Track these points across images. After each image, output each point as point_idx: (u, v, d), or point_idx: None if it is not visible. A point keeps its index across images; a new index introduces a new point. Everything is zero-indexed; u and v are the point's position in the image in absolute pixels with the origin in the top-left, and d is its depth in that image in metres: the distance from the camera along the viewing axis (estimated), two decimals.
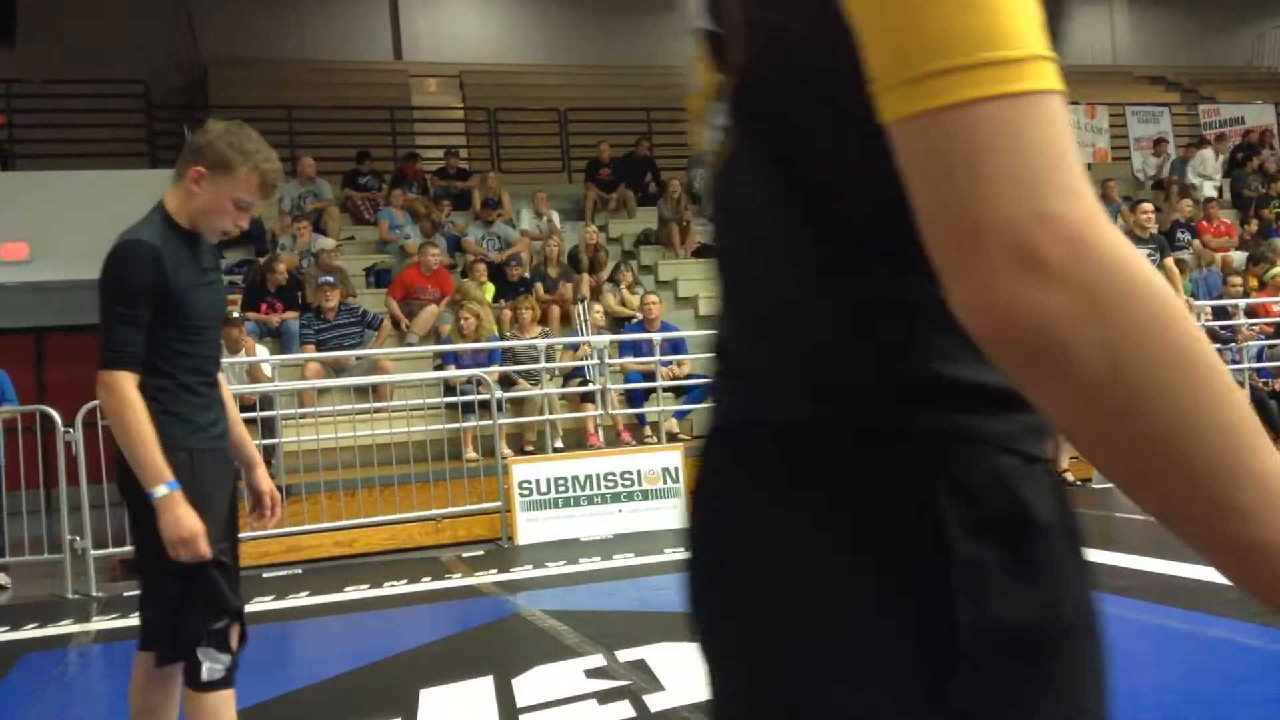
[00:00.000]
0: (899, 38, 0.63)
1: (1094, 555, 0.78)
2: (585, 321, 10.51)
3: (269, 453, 7.92)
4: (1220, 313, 10.98)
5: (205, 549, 2.55)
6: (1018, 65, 0.62)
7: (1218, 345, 10.01)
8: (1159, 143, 15.87)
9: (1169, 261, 9.94)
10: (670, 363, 9.67)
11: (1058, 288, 0.60)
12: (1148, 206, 10.55)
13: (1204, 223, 13.78)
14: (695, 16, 0.81)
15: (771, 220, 0.78)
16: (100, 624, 6.10)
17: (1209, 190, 14.96)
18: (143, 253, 2.58)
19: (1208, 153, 15.48)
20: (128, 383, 2.55)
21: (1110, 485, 0.70)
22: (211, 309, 2.76)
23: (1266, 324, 11.03)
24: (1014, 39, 0.62)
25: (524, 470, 8.21)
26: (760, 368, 0.80)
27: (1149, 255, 9.47)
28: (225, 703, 2.61)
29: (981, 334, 0.63)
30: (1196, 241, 13.34)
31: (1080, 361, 0.60)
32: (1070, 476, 8.10)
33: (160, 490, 2.53)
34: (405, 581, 6.69)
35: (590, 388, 9.41)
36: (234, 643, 2.65)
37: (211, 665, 2.57)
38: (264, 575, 7.14)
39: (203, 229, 2.72)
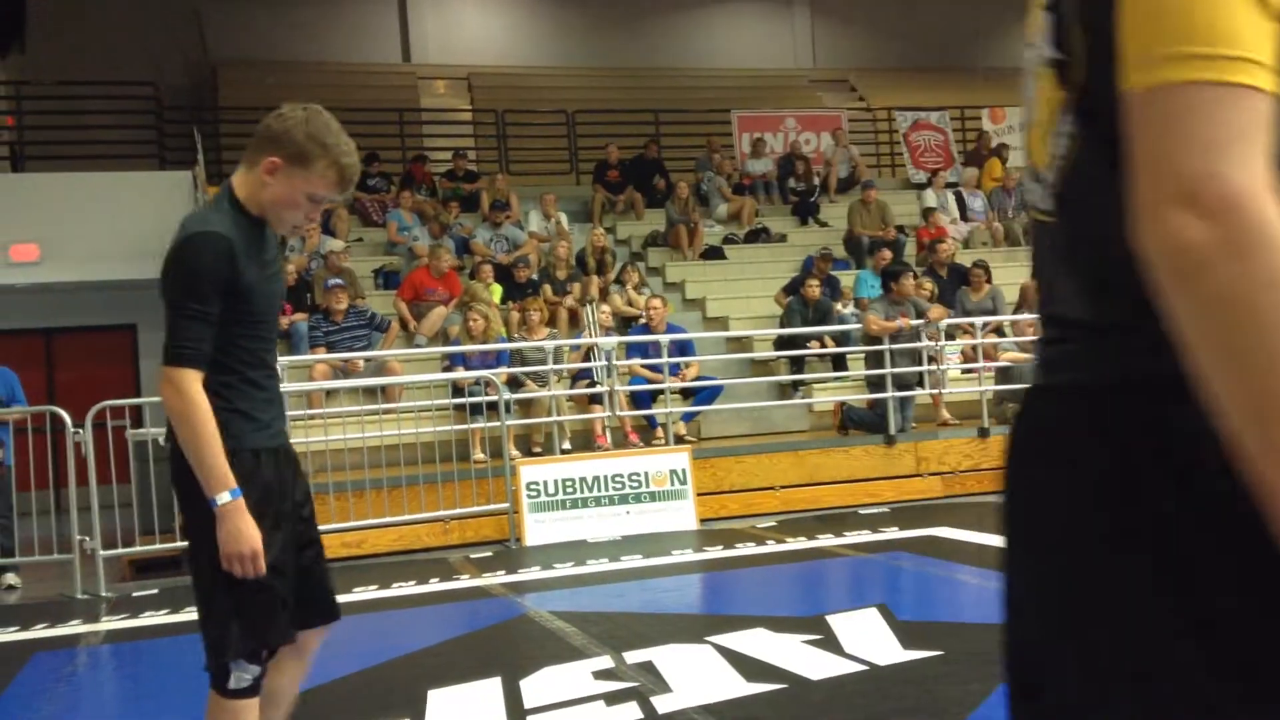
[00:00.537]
0: (1143, 29, 0.86)
1: None
2: (593, 323, 10.51)
3: None
4: None
5: (263, 566, 2.44)
6: (1227, 61, 0.83)
7: None
8: None
9: None
10: (679, 366, 9.65)
11: (1207, 225, 0.81)
12: None
13: None
14: (1043, 49, 1.03)
15: (1111, 208, 0.93)
16: (109, 624, 6.12)
17: None
18: (218, 246, 2.42)
19: None
20: (195, 382, 2.42)
21: None
22: (274, 301, 2.64)
23: None
24: (1233, 42, 0.83)
25: (532, 471, 8.22)
26: (1096, 336, 0.98)
27: None
28: (249, 710, 2.55)
29: (1146, 248, 0.85)
30: None
31: (1208, 281, 0.81)
32: None
33: (223, 497, 2.41)
34: (413, 582, 6.70)
35: (598, 389, 9.41)
36: (263, 655, 2.58)
37: (239, 675, 2.51)
38: None
39: (272, 219, 2.58)
